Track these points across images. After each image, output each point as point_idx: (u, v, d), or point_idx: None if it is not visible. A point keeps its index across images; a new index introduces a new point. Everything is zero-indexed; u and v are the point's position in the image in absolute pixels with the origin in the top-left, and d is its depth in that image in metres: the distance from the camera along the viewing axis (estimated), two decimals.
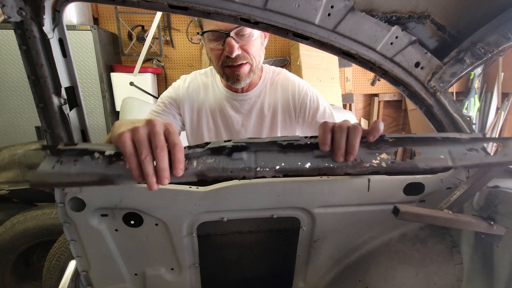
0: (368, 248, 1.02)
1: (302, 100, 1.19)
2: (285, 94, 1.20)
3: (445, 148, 0.68)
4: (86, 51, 2.67)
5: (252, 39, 1.04)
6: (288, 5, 0.64)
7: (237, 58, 1.02)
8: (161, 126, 0.58)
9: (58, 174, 0.63)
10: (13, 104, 2.67)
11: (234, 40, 0.99)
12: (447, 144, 0.69)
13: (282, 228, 0.95)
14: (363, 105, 3.86)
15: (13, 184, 1.98)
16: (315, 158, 0.65)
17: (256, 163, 0.65)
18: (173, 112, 1.20)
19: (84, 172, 0.64)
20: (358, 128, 0.63)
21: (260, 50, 1.10)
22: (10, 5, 0.58)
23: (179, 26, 3.27)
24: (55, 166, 0.64)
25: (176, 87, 1.22)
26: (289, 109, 1.20)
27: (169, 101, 1.20)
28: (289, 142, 0.65)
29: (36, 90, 0.67)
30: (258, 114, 1.20)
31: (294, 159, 0.65)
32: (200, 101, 1.21)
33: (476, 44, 0.69)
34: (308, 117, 1.19)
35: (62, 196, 0.78)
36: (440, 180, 0.90)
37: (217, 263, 1.01)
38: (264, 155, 0.66)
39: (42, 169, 0.63)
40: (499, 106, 3.48)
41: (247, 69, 1.07)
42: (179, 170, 0.58)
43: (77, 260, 0.89)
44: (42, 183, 0.63)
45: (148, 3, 0.63)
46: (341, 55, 0.75)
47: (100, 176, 0.63)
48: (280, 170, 0.64)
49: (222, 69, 1.07)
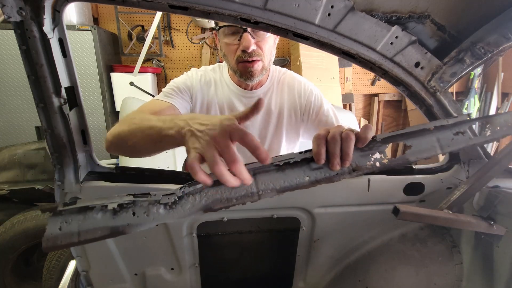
0: (368, 248, 1.02)
1: (307, 99, 1.21)
2: (292, 93, 1.22)
3: (433, 137, 0.69)
4: (86, 51, 2.66)
5: (266, 36, 1.06)
6: (288, 5, 0.64)
7: (252, 53, 1.04)
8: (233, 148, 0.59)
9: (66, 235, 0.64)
10: (13, 104, 2.66)
11: (250, 35, 1.01)
12: (435, 133, 0.70)
13: (282, 228, 0.95)
14: (363, 105, 3.86)
15: (13, 184, 1.98)
16: (313, 171, 0.67)
17: (257, 186, 0.67)
18: (186, 97, 1.17)
19: (93, 229, 0.65)
20: (351, 136, 0.64)
21: (272, 48, 1.12)
22: (10, 5, 0.58)
23: (179, 26, 3.27)
24: (62, 227, 0.65)
25: (190, 76, 1.22)
26: (295, 108, 1.22)
27: (184, 87, 1.17)
28: (286, 161, 0.67)
29: (36, 90, 0.67)
30: (265, 112, 1.22)
31: (293, 176, 0.67)
32: (211, 95, 1.21)
33: (476, 44, 0.69)
34: (312, 114, 1.21)
35: (62, 196, 0.78)
36: (440, 180, 0.90)
37: (217, 263, 1.01)
38: (264, 177, 0.68)
39: (50, 232, 0.64)
40: (499, 106, 3.48)
41: (260, 66, 1.08)
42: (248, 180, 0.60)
43: (77, 260, 0.89)
44: (55, 247, 0.64)
45: (148, 3, 0.63)
46: (341, 55, 0.75)
47: (109, 229, 0.65)
48: (282, 189, 0.67)
49: (236, 65, 1.09)
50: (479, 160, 0.87)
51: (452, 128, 0.70)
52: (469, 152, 0.86)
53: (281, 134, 1.23)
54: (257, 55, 1.06)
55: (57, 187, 0.78)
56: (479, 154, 0.86)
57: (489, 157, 0.86)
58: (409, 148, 0.68)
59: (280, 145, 1.25)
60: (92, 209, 0.65)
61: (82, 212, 0.65)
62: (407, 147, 0.69)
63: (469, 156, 0.87)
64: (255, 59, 1.06)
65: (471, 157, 0.87)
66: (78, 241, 0.64)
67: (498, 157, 0.78)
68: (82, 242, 0.65)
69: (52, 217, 0.65)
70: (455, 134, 0.70)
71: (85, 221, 0.65)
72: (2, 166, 2.00)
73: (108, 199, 0.66)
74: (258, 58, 1.06)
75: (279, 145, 1.25)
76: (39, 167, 2.02)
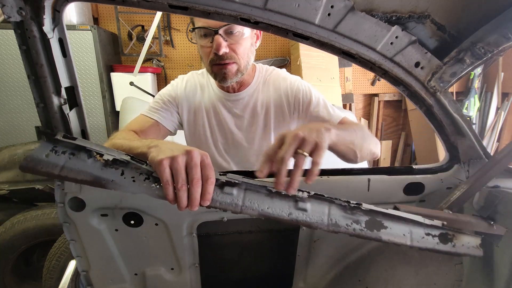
0: (368, 248, 1.02)
1: (295, 96, 1.18)
2: (277, 92, 1.19)
3: (408, 228, 0.75)
4: (86, 51, 2.66)
5: (242, 38, 1.03)
6: (288, 5, 0.64)
7: (223, 56, 1.02)
8: (199, 157, 0.63)
9: (50, 164, 0.63)
10: (13, 104, 2.66)
11: (222, 38, 0.99)
12: (410, 225, 0.76)
13: (282, 228, 0.95)
14: (363, 105, 3.86)
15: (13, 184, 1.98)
16: (297, 210, 0.72)
17: (243, 201, 0.70)
18: (172, 109, 1.19)
19: (78, 169, 0.64)
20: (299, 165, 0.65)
21: (249, 51, 1.09)
22: (10, 5, 0.58)
23: (179, 26, 3.27)
24: (49, 155, 0.64)
25: (174, 86, 1.22)
26: (281, 107, 1.19)
27: (168, 99, 1.19)
28: (278, 190, 0.70)
29: (36, 90, 0.67)
30: (251, 114, 1.20)
31: (278, 206, 0.71)
32: (197, 101, 1.21)
33: (476, 44, 0.69)
34: (302, 111, 1.18)
35: (62, 196, 0.78)
36: (440, 180, 0.90)
37: (217, 263, 1.01)
38: (252, 195, 0.71)
39: (35, 155, 0.63)
40: (499, 106, 3.48)
41: (234, 68, 1.06)
42: (206, 201, 0.65)
43: (77, 260, 0.89)
44: (32, 169, 0.63)
45: (148, 3, 0.63)
46: (341, 55, 0.75)
47: (93, 177, 0.64)
48: (263, 214, 0.70)
49: (210, 67, 1.08)
50: (479, 160, 0.87)
51: (426, 228, 0.76)
52: (469, 152, 0.86)
53: (269, 135, 1.21)
54: (230, 58, 1.04)
55: (57, 187, 0.78)
56: (479, 154, 0.86)
57: (489, 157, 0.86)
58: (385, 228, 0.74)
59: None
60: (86, 152, 0.66)
61: (76, 150, 0.65)
62: (384, 227, 0.74)
63: (469, 156, 0.87)
64: (227, 62, 1.04)
65: (471, 157, 0.87)
66: (57, 174, 0.64)
67: (498, 157, 0.78)
68: (62, 177, 0.65)
69: (45, 142, 0.65)
70: (426, 234, 0.76)
71: (74, 159, 0.65)
72: (2, 166, 2.00)
73: (106, 150, 0.67)
74: (232, 61, 1.04)
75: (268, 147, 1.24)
76: None
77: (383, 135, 3.91)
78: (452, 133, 0.84)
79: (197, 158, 0.63)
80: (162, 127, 1.16)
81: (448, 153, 0.90)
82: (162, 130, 1.17)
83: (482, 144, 0.85)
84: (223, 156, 1.25)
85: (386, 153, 3.90)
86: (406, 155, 4.05)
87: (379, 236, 0.73)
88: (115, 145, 0.86)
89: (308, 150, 0.65)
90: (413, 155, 3.93)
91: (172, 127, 1.20)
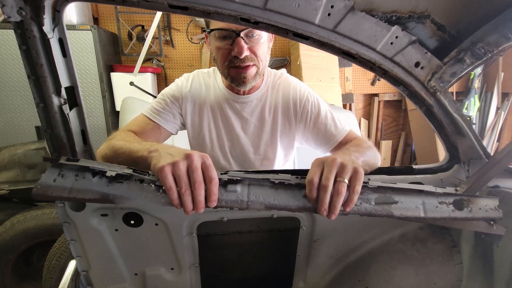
0: (368, 248, 1.02)
1: (303, 106, 1.17)
2: (286, 98, 1.18)
3: (420, 199, 0.74)
4: (86, 51, 2.66)
5: (260, 41, 1.03)
6: (288, 5, 0.64)
7: (245, 59, 1.01)
8: (199, 160, 0.64)
9: (59, 188, 0.66)
10: (13, 104, 2.66)
11: (243, 41, 0.98)
12: (422, 196, 0.75)
13: (282, 228, 0.95)
14: (363, 105, 3.86)
15: (13, 184, 1.98)
16: (303, 198, 0.71)
17: (248, 196, 0.70)
18: (174, 111, 1.17)
19: (85, 189, 0.67)
20: (342, 191, 0.65)
21: (267, 53, 1.09)
22: (10, 5, 0.58)
23: (179, 26, 3.27)
24: (57, 180, 0.66)
25: (179, 86, 1.20)
26: (288, 114, 1.18)
27: (171, 100, 1.17)
28: (281, 181, 0.71)
29: (36, 90, 0.67)
30: (259, 118, 1.19)
31: (283, 197, 0.71)
32: (202, 101, 1.19)
33: (476, 44, 0.69)
34: (310, 123, 1.18)
35: None
36: (440, 180, 0.90)
37: (217, 263, 1.01)
38: (257, 190, 0.71)
39: (44, 181, 0.66)
40: (499, 106, 3.48)
41: (254, 71, 1.05)
42: (213, 202, 0.65)
43: (77, 260, 0.89)
44: (44, 195, 0.65)
45: (148, 3, 0.63)
46: (341, 55, 0.75)
47: (100, 194, 0.67)
48: (270, 206, 0.70)
49: (227, 70, 1.06)
50: (479, 160, 0.86)
51: (439, 197, 0.75)
52: (469, 152, 0.86)
53: (276, 142, 1.20)
54: (250, 60, 1.03)
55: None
56: (479, 154, 0.86)
57: (489, 157, 0.86)
58: (396, 203, 0.73)
59: (275, 154, 1.22)
60: (90, 171, 0.68)
61: (80, 171, 0.68)
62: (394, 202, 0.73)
63: (469, 156, 0.87)
64: (248, 65, 1.03)
65: (471, 157, 0.87)
66: (67, 197, 0.66)
67: (498, 157, 0.78)
68: (71, 199, 0.67)
69: (52, 167, 0.67)
70: (440, 203, 0.74)
71: (80, 180, 0.67)
72: (2, 166, 2.01)
73: (108, 167, 0.68)
74: (252, 63, 1.04)
75: (274, 154, 1.22)
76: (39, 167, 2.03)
77: (383, 135, 3.91)
78: (452, 133, 0.84)
79: (197, 161, 0.63)
80: (163, 129, 1.14)
81: (448, 153, 0.90)
82: (163, 133, 1.15)
83: (482, 144, 0.85)
84: (228, 159, 1.23)
85: (386, 153, 3.90)
86: (406, 155, 4.05)
87: (391, 212, 0.72)
88: (114, 146, 0.86)
89: (348, 177, 0.67)
90: (413, 155, 3.93)
91: (174, 129, 1.19)
